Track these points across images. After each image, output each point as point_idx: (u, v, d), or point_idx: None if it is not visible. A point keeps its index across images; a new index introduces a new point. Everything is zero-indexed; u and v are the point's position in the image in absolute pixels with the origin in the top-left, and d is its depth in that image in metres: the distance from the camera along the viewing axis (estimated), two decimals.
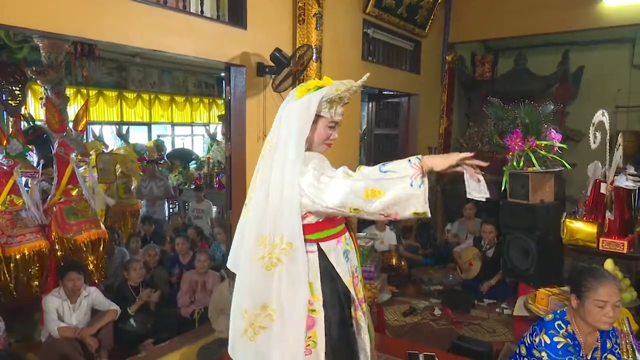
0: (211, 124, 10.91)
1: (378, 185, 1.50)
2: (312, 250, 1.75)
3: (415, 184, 1.47)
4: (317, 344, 1.74)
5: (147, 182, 6.07)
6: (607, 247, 3.28)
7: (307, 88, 1.78)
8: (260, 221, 1.73)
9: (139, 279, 3.92)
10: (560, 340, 1.93)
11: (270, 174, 1.72)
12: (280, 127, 1.76)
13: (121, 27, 2.91)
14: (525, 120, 3.42)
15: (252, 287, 1.74)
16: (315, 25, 4.14)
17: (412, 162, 1.50)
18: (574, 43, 7.15)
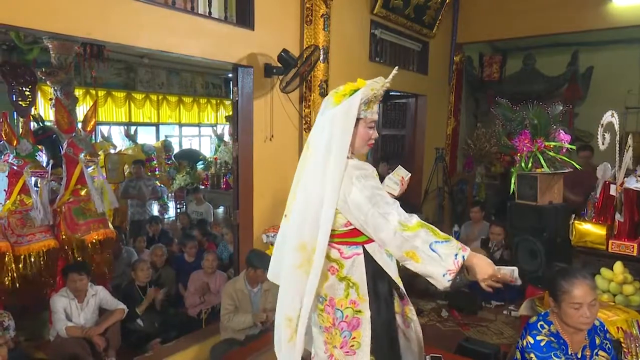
0: (218, 124, 10.96)
1: (420, 254, 1.59)
2: (358, 252, 1.79)
3: (447, 277, 1.57)
4: (361, 345, 1.78)
5: (135, 182, 6.05)
6: (617, 250, 3.25)
7: (343, 93, 1.80)
8: (300, 229, 1.77)
9: (147, 279, 3.94)
10: (543, 338, 1.95)
11: (314, 183, 1.74)
12: (319, 135, 1.78)
13: (129, 29, 2.93)
14: (533, 121, 3.40)
15: (293, 295, 1.79)
16: (322, 26, 4.14)
17: (458, 258, 1.57)
18: (583, 43, 7.09)
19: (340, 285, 1.79)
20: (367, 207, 1.65)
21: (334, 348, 1.80)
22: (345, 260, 1.79)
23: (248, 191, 3.88)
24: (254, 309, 3.37)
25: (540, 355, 1.92)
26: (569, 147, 3.33)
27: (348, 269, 1.79)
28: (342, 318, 1.79)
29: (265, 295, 3.44)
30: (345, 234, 1.79)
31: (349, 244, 1.79)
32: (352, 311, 1.78)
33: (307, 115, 4.25)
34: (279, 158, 4.14)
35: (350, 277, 1.79)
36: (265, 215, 4.03)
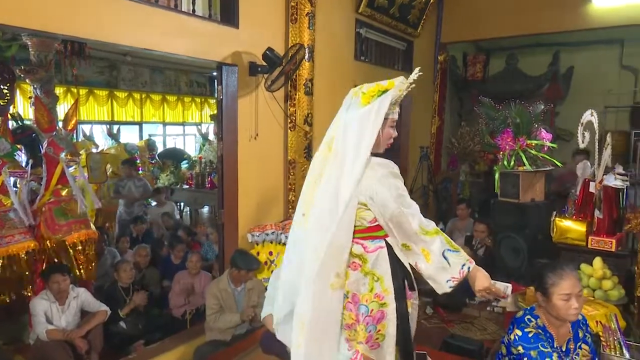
0: (203, 123, 10.87)
1: (432, 257, 1.77)
2: (382, 246, 1.85)
3: (450, 284, 1.77)
4: (386, 337, 1.82)
5: (124, 181, 5.98)
6: (596, 246, 3.32)
7: (371, 94, 1.81)
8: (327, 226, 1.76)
9: (130, 280, 3.89)
10: (531, 330, 1.99)
11: (344, 180, 1.76)
12: (346, 134, 1.79)
13: (111, 26, 2.89)
14: (516, 120, 3.45)
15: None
16: (307, 24, 4.14)
17: (464, 268, 1.77)
18: (564, 44, 7.23)
19: (365, 279, 1.82)
20: (393, 206, 1.75)
21: (359, 344, 1.81)
22: (370, 254, 1.83)
23: (233, 190, 3.86)
24: (238, 308, 3.36)
25: (527, 347, 1.95)
26: (550, 145, 3.40)
27: (372, 263, 1.83)
28: (367, 313, 1.81)
29: (249, 294, 3.43)
30: (370, 229, 1.84)
31: (373, 238, 1.84)
32: (377, 305, 1.81)
33: (293, 114, 4.24)
34: (264, 157, 4.13)
35: (375, 271, 1.82)
36: (250, 214, 4.02)
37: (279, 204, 4.35)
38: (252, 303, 3.36)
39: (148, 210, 6.36)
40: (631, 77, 7.29)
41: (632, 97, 7.22)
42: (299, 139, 4.29)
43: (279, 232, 3.91)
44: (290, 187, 4.33)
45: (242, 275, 3.36)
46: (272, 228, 3.94)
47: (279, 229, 3.92)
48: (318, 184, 1.85)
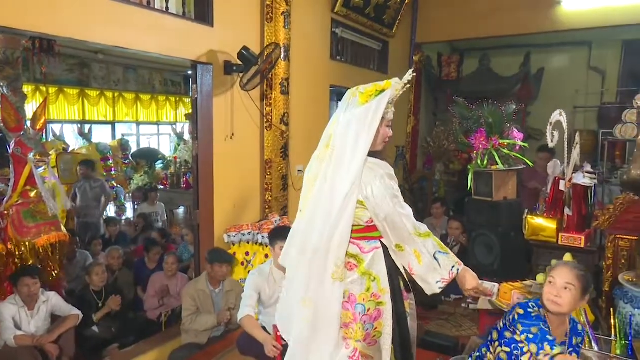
0: (178, 122, 10.72)
1: (423, 257, 1.83)
2: (377, 246, 1.89)
3: (439, 285, 1.83)
4: (383, 334, 1.87)
5: (81, 183, 5.81)
6: (566, 242, 3.41)
7: (370, 93, 1.84)
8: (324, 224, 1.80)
9: (102, 283, 3.80)
10: (533, 311, 1.99)
11: (341, 178, 1.79)
12: (345, 133, 1.82)
13: (81, 23, 2.82)
14: (489, 119, 3.52)
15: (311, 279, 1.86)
16: (283, 23, 4.13)
17: (454, 270, 1.84)
18: (535, 45, 7.40)
19: (362, 280, 1.85)
20: (389, 205, 1.80)
21: (357, 342, 1.84)
22: (365, 255, 1.87)
23: (208, 190, 3.82)
24: (216, 310, 3.33)
25: (528, 324, 1.94)
26: (521, 144, 3.47)
27: (369, 264, 1.86)
28: (364, 312, 1.84)
29: (227, 296, 3.40)
30: (366, 229, 1.87)
31: (369, 238, 1.88)
32: (374, 303, 1.85)
33: (269, 114, 4.23)
34: (240, 156, 4.10)
35: (372, 272, 1.86)
36: (226, 214, 3.99)
37: (255, 204, 4.33)
38: (230, 305, 3.33)
39: (138, 209, 6.25)
40: (598, 78, 7.52)
41: (599, 98, 7.45)
42: (275, 138, 4.28)
43: (256, 232, 3.89)
44: (266, 187, 4.32)
45: (218, 272, 3.33)
46: (248, 228, 3.92)
47: (256, 229, 3.90)
48: (316, 180, 1.89)
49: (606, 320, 2.88)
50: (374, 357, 1.86)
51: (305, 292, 1.85)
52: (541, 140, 6.51)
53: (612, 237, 3.19)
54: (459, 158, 7.23)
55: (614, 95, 7.34)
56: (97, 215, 5.89)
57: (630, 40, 7.05)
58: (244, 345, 2.77)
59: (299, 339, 1.90)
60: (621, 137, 4.14)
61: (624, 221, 3.11)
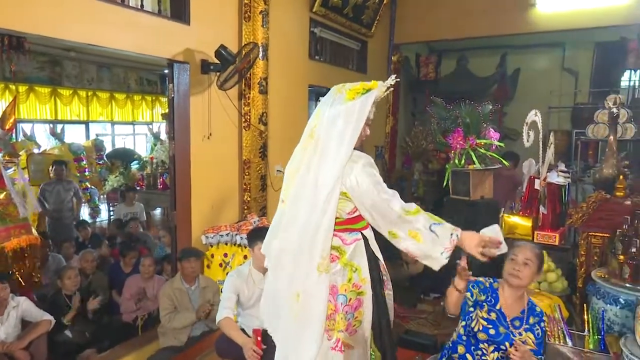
0: (154, 122, 10.58)
1: (422, 234, 1.81)
2: (359, 238, 1.95)
3: (445, 255, 1.80)
4: (362, 323, 1.92)
5: (52, 185, 5.66)
6: (541, 240, 3.49)
7: (357, 91, 1.90)
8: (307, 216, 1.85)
9: (75, 287, 3.72)
10: (482, 279, 2.25)
11: (324, 170, 1.84)
12: (331, 126, 1.87)
13: (53, 19, 2.76)
14: (466, 119, 3.57)
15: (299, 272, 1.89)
16: (261, 22, 4.12)
17: (453, 237, 1.81)
18: (511, 46, 7.56)
19: (344, 271, 1.90)
20: (374, 193, 1.82)
21: (339, 332, 1.88)
22: (347, 246, 1.92)
23: (186, 191, 3.78)
24: (193, 307, 3.31)
25: (470, 290, 2.20)
26: (498, 144, 3.53)
27: (350, 255, 1.92)
28: (346, 302, 1.89)
29: (203, 292, 3.39)
30: (347, 221, 1.92)
31: (350, 230, 1.93)
32: (355, 294, 1.90)
33: (247, 113, 4.20)
34: (218, 157, 4.07)
35: (353, 262, 1.92)
36: (204, 216, 3.95)
37: (233, 204, 4.30)
38: (208, 302, 3.32)
39: (115, 210, 6.12)
40: (572, 79, 7.73)
41: (572, 98, 7.65)
42: (253, 138, 4.26)
43: (234, 233, 3.86)
44: (245, 187, 4.29)
45: (188, 268, 3.34)
46: (227, 229, 3.89)
47: (234, 230, 3.88)
48: (298, 171, 1.93)
49: (580, 316, 2.95)
50: (355, 346, 1.91)
51: (294, 286, 1.89)
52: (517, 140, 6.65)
53: (585, 234, 3.28)
54: (438, 157, 7.32)
55: (586, 96, 7.55)
56: (69, 218, 5.76)
57: (601, 42, 7.27)
58: (223, 347, 2.75)
59: (287, 335, 1.93)
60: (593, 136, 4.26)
61: (596, 219, 3.20)
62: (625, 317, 2.69)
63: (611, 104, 3.58)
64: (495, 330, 2.14)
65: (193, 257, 3.38)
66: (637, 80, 7.13)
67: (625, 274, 2.72)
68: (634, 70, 6.96)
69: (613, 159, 3.39)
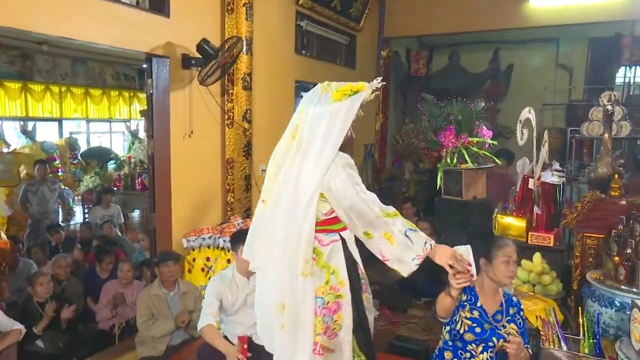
0: (132, 119, 10.48)
1: (395, 237, 1.85)
2: (336, 239, 1.97)
3: (415, 262, 1.85)
4: (342, 326, 1.95)
5: (36, 185, 5.62)
6: (535, 241, 3.53)
7: (344, 92, 1.91)
8: (291, 216, 1.87)
9: (47, 294, 3.66)
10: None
11: (307, 170, 1.86)
12: (315, 126, 1.88)
13: (23, 11, 2.71)
14: (458, 117, 3.59)
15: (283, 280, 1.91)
16: (245, 15, 4.10)
17: (427, 246, 1.85)
18: (504, 42, 7.64)
19: (321, 273, 1.93)
20: (352, 193, 1.86)
21: (318, 336, 1.90)
22: (324, 247, 1.95)
23: (165, 192, 3.76)
24: (172, 314, 3.27)
25: None
26: (491, 142, 3.56)
27: (327, 256, 1.94)
28: (323, 305, 1.92)
29: (183, 298, 3.36)
30: (325, 222, 1.94)
31: (328, 231, 1.95)
32: (333, 296, 1.93)
33: (230, 110, 4.18)
34: (200, 155, 4.05)
35: (330, 264, 1.94)
36: (185, 218, 3.93)
37: (216, 206, 4.28)
38: (188, 308, 3.29)
39: (89, 213, 6.10)
40: (566, 75, 7.84)
41: (567, 95, 7.76)
42: (237, 136, 4.24)
43: (217, 236, 3.84)
44: (228, 187, 4.27)
45: (166, 273, 3.31)
46: (209, 232, 3.86)
47: (217, 233, 3.85)
48: (280, 169, 1.95)
49: (575, 319, 2.99)
50: (335, 349, 1.93)
51: (279, 296, 1.90)
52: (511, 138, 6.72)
53: (580, 235, 3.32)
54: (429, 156, 7.36)
55: (581, 93, 7.66)
56: (54, 220, 5.70)
57: (596, 38, 7.38)
58: (205, 356, 2.73)
59: (281, 347, 1.94)
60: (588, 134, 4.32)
61: (591, 219, 3.25)
62: (620, 320, 2.73)
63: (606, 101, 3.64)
64: (481, 328, 2.21)
65: (171, 261, 3.34)
66: (632, 77, 7.27)
67: (621, 275, 2.76)
68: (628, 66, 7.08)
69: (608, 158, 3.44)
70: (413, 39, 8.02)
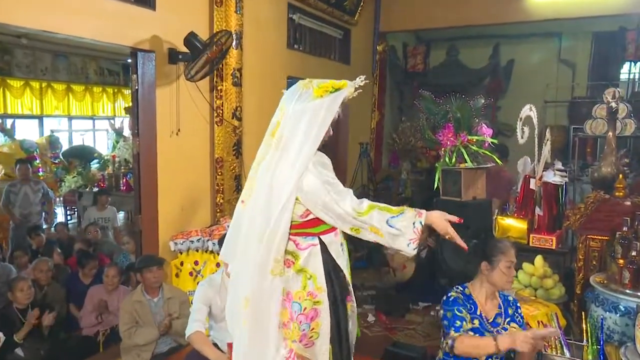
0: (116, 117, 10.43)
1: (381, 231, 1.83)
2: (315, 243, 1.94)
3: (412, 246, 1.83)
4: (320, 335, 1.93)
5: (18, 186, 5.59)
6: (537, 244, 3.54)
7: (325, 89, 1.93)
8: (266, 214, 1.88)
9: (28, 300, 3.63)
10: (453, 294, 2.30)
11: (284, 168, 1.87)
12: (295, 123, 1.90)
13: (1, 3, 2.69)
14: (457, 114, 3.59)
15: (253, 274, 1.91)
16: (234, 8, 4.09)
17: (416, 226, 1.82)
18: (504, 36, 7.66)
19: (298, 277, 1.92)
20: (324, 192, 1.84)
21: (293, 342, 1.91)
22: (301, 251, 1.93)
23: (152, 193, 3.74)
24: (156, 321, 3.26)
25: (446, 308, 2.24)
26: (491, 141, 3.57)
27: (304, 261, 1.92)
28: (300, 311, 1.91)
29: (168, 304, 3.35)
30: (302, 224, 1.92)
31: (305, 234, 1.94)
32: (311, 302, 1.91)
33: (219, 107, 4.17)
34: (188, 154, 4.03)
35: (307, 269, 1.92)
36: (172, 219, 3.91)
37: (205, 207, 4.26)
38: (173, 314, 3.27)
39: (85, 214, 6.13)
40: (569, 71, 7.87)
41: (570, 92, 7.79)
42: (227, 134, 4.23)
43: (206, 238, 3.83)
44: (218, 188, 4.26)
45: (150, 278, 3.30)
46: (197, 234, 3.85)
47: (206, 235, 3.84)
48: (259, 166, 1.96)
49: (578, 325, 3.01)
50: (311, 359, 1.92)
51: (247, 291, 1.91)
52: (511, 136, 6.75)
53: (583, 237, 3.34)
54: (427, 155, 7.37)
55: (584, 90, 7.70)
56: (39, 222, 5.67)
57: (600, 32, 7.42)
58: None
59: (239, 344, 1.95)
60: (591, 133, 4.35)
61: (594, 220, 3.26)
62: (625, 325, 2.75)
63: (610, 98, 3.66)
64: (482, 336, 2.20)
65: (155, 267, 3.32)
66: (636, 73, 7.31)
67: (626, 279, 2.78)
68: (633, 62, 7.13)
69: (612, 157, 3.46)
70: (410, 33, 8.03)
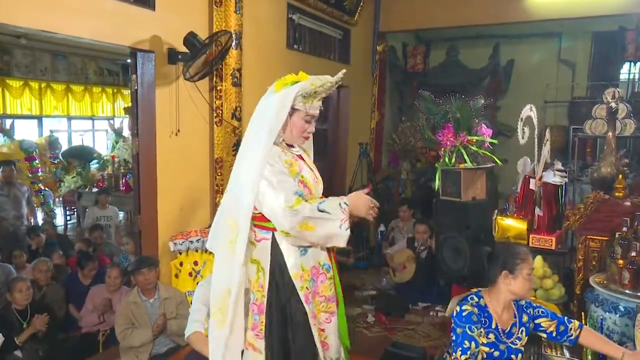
0: (116, 117, 10.43)
1: (312, 221, 1.84)
2: (267, 237, 1.99)
3: (344, 227, 1.86)
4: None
5: (4, 188, 5.58)
6: (537, 244, 3.54)
7: (284, 83, 1.98)
8: (235, 206, 1.97)
9: (27, 301, 3.64)
10: (467, 308, 2.19)
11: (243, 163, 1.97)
12: (258, 119, 2.00)
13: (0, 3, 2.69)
14: (456, 114, 3.60)
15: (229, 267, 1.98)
16: (234, 8, 4.09)
17: (343, 206, 1.87)
18: (504, 36, 7.67)
19: (253, 267, 2.00)
20: (264, 188, 1.89)
21: (248, 330, 1.97)
22: (257, 243, 2.01)
23: (151, 193, 3.74)
24: (152, 322, 3.27)
25: (458, 323, 2.16)
26: (490, 141, 3.57)
27: (258, 252, 2.00)
28: (253, 300, 1.99)
29: (164, 304, 3.36)
30: (258, 217, 1.97)
31: (261, 227, 1.99)
32: (261, 295, 1.97)
33: (219, 108, 4.17)
34: (187, 155, 4.04)
35: (260, 261, 1.99)
36: (171, 220, 3.91)
37: (204, 207, 4.27)
38: (170, 315, 3.28)
39: (87, 214, 6.17)
40: (569, 71, 7.88)
41: (570, 92, 7.80)
42: (226, 135, 4.23)
43: (205, 239, 3.82)
44: (217, 188, 4.26)
45: (143, 280, 3.31)
46: (197, 235, 3.86)
47: (205, 236, 3.84)
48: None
49: None
50: (262, 352, 1.95)
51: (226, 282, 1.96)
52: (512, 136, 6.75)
53: (582, 237, 3.34)
54: (427, 156, 7.38)
55: (584, 90, 7.70)
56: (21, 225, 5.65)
57: (600, 32, 7.42)
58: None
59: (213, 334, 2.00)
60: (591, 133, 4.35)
61: (594, 221, 3.26)
62: (625, 326, 2.75)
63: (610, 98, 3.66)
64: (498, 350, 2.16)
65: (145, 269, 3.35)
66: (636, 73, 7.32)
67: (625, 279, 2.78)
68: (633, 62, 7.13)
69: (612, 157, 3.46)
70: (410, 33, 8.03)
